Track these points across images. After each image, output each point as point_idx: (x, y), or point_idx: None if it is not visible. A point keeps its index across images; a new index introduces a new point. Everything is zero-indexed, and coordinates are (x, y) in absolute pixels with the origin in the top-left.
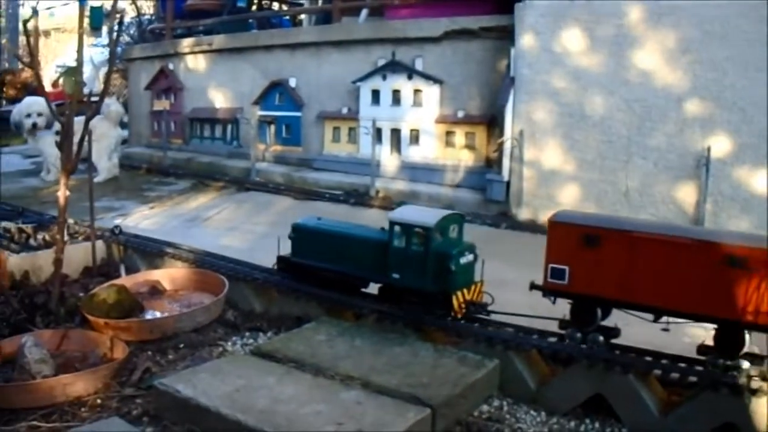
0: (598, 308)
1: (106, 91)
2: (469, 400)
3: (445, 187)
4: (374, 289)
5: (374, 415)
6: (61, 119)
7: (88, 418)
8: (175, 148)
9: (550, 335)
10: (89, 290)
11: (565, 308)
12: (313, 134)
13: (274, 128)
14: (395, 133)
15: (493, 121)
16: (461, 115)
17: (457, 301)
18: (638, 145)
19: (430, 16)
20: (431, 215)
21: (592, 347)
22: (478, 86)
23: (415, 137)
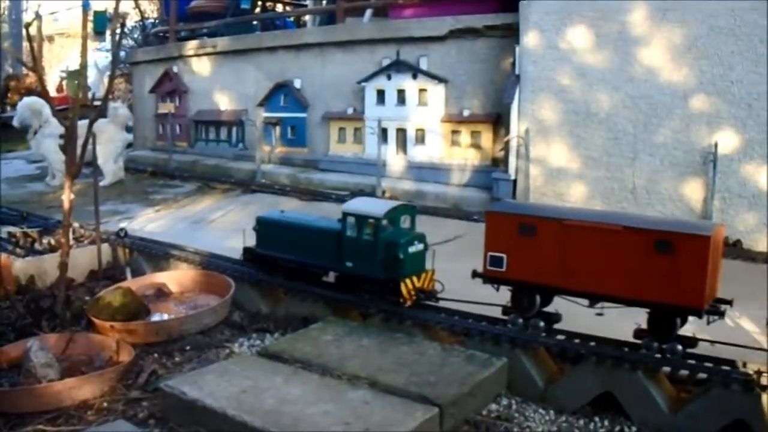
0: (537, 295)
1: (108, 93)
2: (477, 398)
3: (451, 186)
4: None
5: (382, 414)
6: (64, 123)
7: (94, 421)
8: (180, 150)
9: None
10: (95, 294)
11: None
12: (318, 135)
13: (279, 130)
14: (401, 132)
15: (498, 119)
16: (467, 113)
17: (405, 288)
18: (644, 141)
19: (434, 15)
20: (382, 206)
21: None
22: (483, 85)
23: (420, 137)
